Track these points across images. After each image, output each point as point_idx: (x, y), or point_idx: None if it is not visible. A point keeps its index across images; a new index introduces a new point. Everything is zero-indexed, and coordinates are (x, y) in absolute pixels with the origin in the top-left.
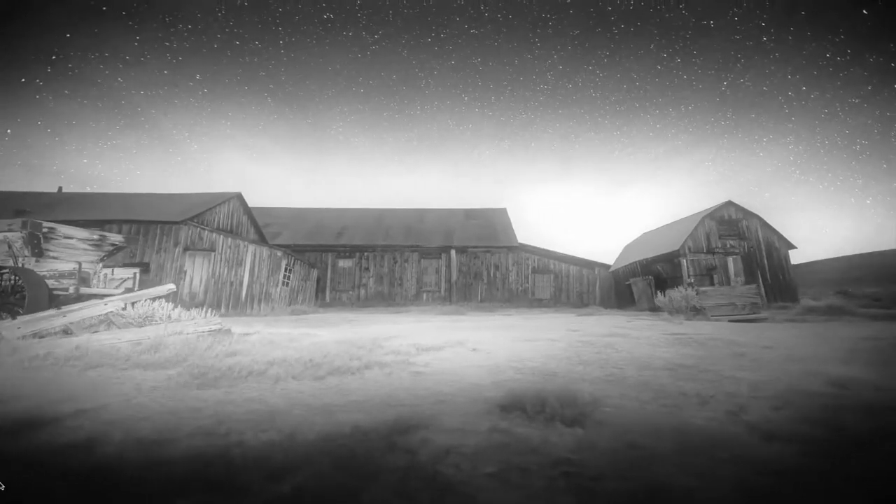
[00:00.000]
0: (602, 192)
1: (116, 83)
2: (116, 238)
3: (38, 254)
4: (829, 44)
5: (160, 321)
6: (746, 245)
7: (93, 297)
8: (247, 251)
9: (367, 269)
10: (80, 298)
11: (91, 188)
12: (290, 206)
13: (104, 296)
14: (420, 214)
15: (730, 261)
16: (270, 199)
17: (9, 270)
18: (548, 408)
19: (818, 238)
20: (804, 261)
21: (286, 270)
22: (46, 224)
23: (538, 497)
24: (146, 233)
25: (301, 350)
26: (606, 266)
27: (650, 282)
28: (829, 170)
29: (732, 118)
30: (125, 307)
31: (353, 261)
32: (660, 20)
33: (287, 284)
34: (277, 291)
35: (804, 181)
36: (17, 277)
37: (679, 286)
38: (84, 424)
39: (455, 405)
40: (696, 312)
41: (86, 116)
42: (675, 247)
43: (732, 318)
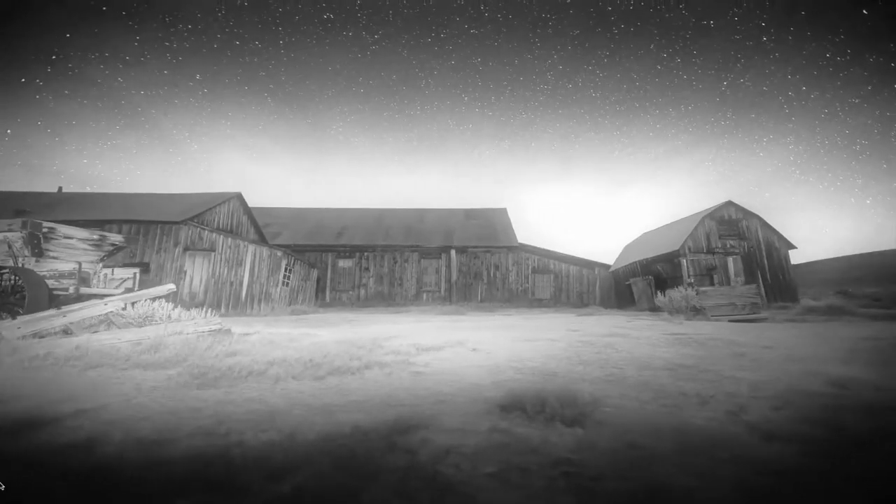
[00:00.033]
0: (602, 192)
1: (116, 83)
2: (116, 238)
3: (38, 254)
4: (829, 44)
5: (160, 321)
6: (746, 245)
7: (93, 297)
8: (247, 251)
9: (367, 269)
10: (80, 298)
11: (91, 188)
12: (290, 206)
13: (104, 296)
14: (420, 214)
15: (730, 261)
16: (270, 199)
17: (9, 270)
18: (548, 408)
19: (819, 238)
20: (804, 261)
21: (286, 270)
22: (46, 224)
23: (538, 497)
24: (146, 233)
25: (301, 350)
26: (606, 266)
27: (650, 282)
28: (829, 170)
29: (732, 118)
30: (125, 307)
31: (353, 261)
32: (660, 20)
33: (287, 284)
34: (277, 291)
35: (804, 181)
36: (17, 277)
37: (679, 286)
38: (84, 424)
39: (455, 405)
40: (696, 312)
41: (86, 116)
42: (675, 247)
43: (732, 318)
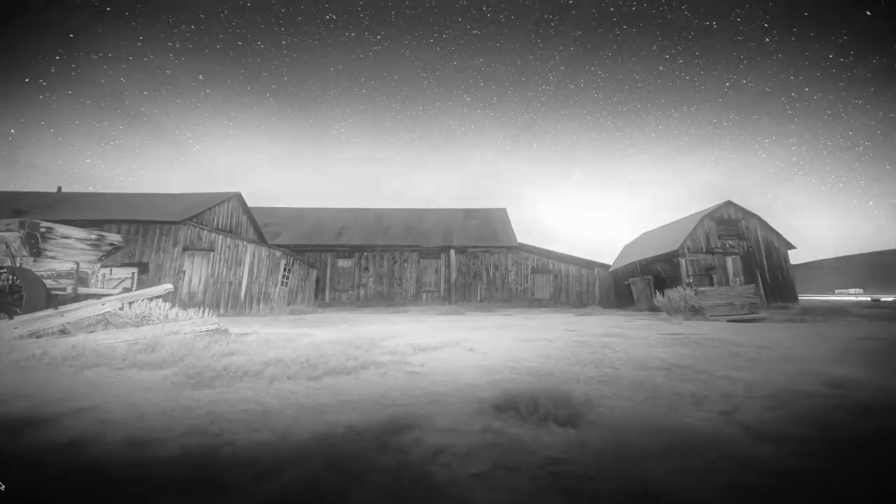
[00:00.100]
0: (603, 193)
1: (119, 83)
2: (114, 238)
3: (36, 253)
4: (832, 45)
5: (157, 321)
6: (746, 245)
7: (90, 297)
8: (246, 251)
9: (367, 269)
10: (78, 298)
11: (94, 188)
12: (290, 206)
13: (102, 296)
14: (419, 214)
15: (729, 261)
16: (271, 199)
17: (6, 270)
18: (541, 408)
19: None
20: (805, 261)
21: (285, 270)
22: (44, 224)
23: (525, 497)
24: (145, 233)
25: (298, 350)
26: (606, 266)
27: (649, 282)
28: (832, 171)
29: (735, 119)
30: (122, 307)
31: (353, 261)
32: (662, 21)
33: (286, 284)
34: (276, 291)
35: (807, 182)
36: (15, 277)
37: (678, 286)
38: (78, 424)
39: (449, 405)
40: (695, 312)
41: (89, 116)
42: (675, 247)
43: (731, 318)
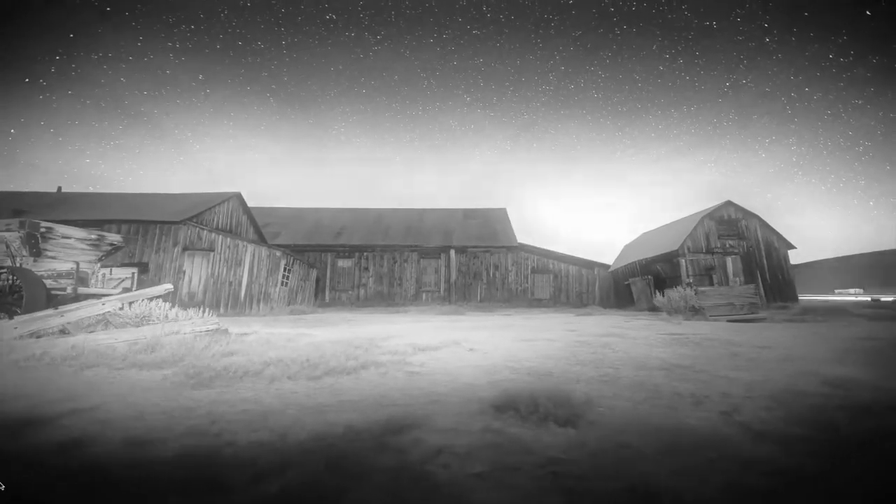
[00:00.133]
0: (603, 193)
1: (119, 83)
2: (114, 238)
3: (36, 253)
4: (832, 45)
5: (157, 321)
6: (746, 245)
7: (90, 297)
8: (246, 251)
9: (367, 269)
10: (78, 298)
11: (94, 188)
12: (290, 206)
13: (102, 296)
14: (419, 214)
15: (729, 261)
16: (272, 200)
17: (6, 270)
18: (541, 408)
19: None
20: (806, 261)
21: (285, 270)
22: (44, 224)
23: (525, 496)
24: (145, 233)
25: (298, 350)
26: (606, 266)
27: (649, 282)
28: (832, 171)
29: (735, 119)
30: (122, 307)
31: (353, 261)
32: (662, 21)
33: (286, 284)
34: (276, 291)
35: (806, 182)
36: (15, 277)
37: (678, 286)
38: (78, 424)
39: (449, 405)
40: (695, 312)
41: (89, 116)
42: (675, 247)
43: (731, 318)
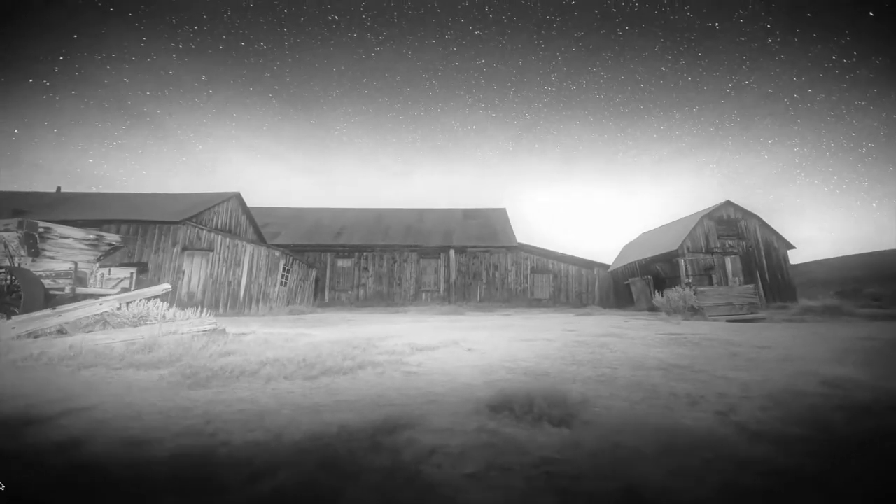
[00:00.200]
0: (604, 194)
1: (122, 84)
2: (113, 238)
3: (35, 253)
4: (836, 46)
5: (155, 321)
6: (745, 245)
7: (89, 297)
8: (245, 251)
9: (366, 269)
10: (77, 298)
11: (96, 188)
12: (289, 206)
13: (100, 296)
14: (419, 214)
15: (728, 261)
16: (273, 200)
17: (5, 270)
18: (536, 408)
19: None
20: (806, 261)
21: (284, 270)
22: (42, 224)
23: (518, 497)
24: (144, 233)
25: (295, 350)
26: (605, 266)
27: (649, 282)
28: (835, 172)
29: (737, 120)
30: (120, 307)
31: (352, 261)
32: (664, 22)
33: (285, 284)
34: (275, 291)
35: (809, 184)
36: (13, 277)
37: (677, 286)
38: (75, 424)
39: (445, 405)
40: (694, 312)
41: (92, 117)
42: (674, 247)
43: (730, 318)
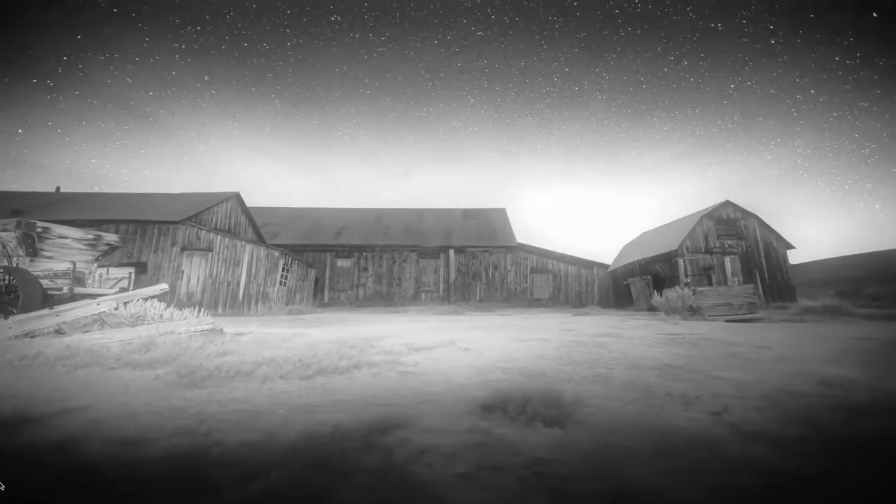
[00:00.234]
0: (605, 194)
1: (125, 84)
2: (111, 238)
3: (33, 253)
4: (839, 47)
5: (152, 321)
6: (744, 245)
7: (86, 297)
8: (244, 251)
9: (366, 269)
10: (75, 298)
11: (99, 188)
12: (289, 206)
13: (97, 295)
14: (419, 214)
15: (727, 260)
16: (275, 200)
17: (3, 270)
18: (529, 408)
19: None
20: (806, 261)
21: (283, 270)
22: (41, 224)
23: (509, 497)
24: (143, 232)
25: (292, 350)
26: (605, 266)
27: (648, 282)
28: (838, 173)
29: (740, 121)
30: (118, 307)
31: (352, 260)
32: (667, 23)
33: (284, 284)
34: (275, 291)
35: (812, 185)
36: (12, 277)
37: (677, 286)
38: (71, 423)
39: (439, 405)
40: (693, 312)
41: (95, 117)
42: (673, 247)
43: (729, 318)
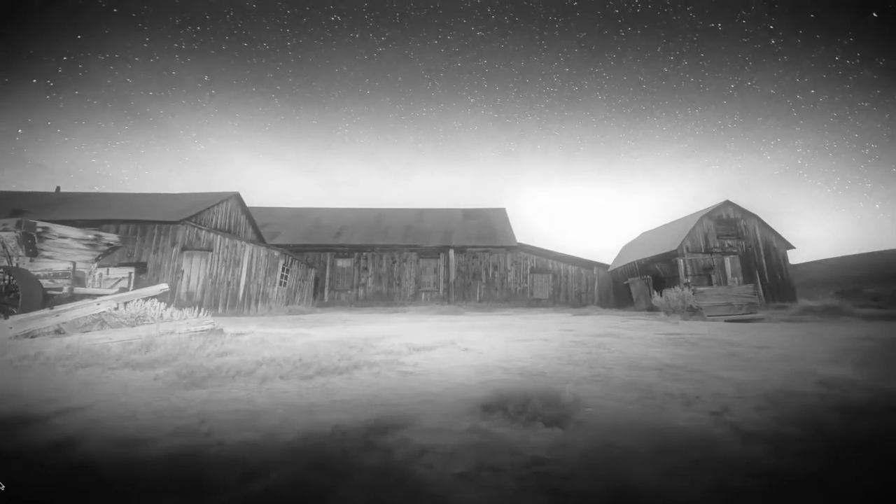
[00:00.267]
0: (605, 194)
1: (125, 84)
2: (111, 237)
3: (33, 253)
4: (839, 47)
5: (152, 321)
6: (744, 245)
7: (86, 297)
8: (244, 251)
9: (366, 269)
10: (74, 298)
11: (99, 188)
12: (289, 206)
13: (97, 295)
14: (419, 214)
15: (727, 260)
16: (275, 200)
17: (3, 270)
18: (529, 408)
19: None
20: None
21: (283, 270)
22: (40, 224)
23: (508, 497)
24: (143, 232)
25: (292, 350)
26: (605, 266)
27: (648, 281)
28: (838, 174)
29: (740, 121)
30: (117, 307)
31: (352, 260)
32: (667, 23)
33: (284, 284)
34: (275, 291)
35: (812, 185)
36: (12, 277)
37: (677, 286)
38: (71, 423)
39: (438, 405)
40: (693, 312)
41: (95, 117)
42: (673, 247)
43: (729, 318)
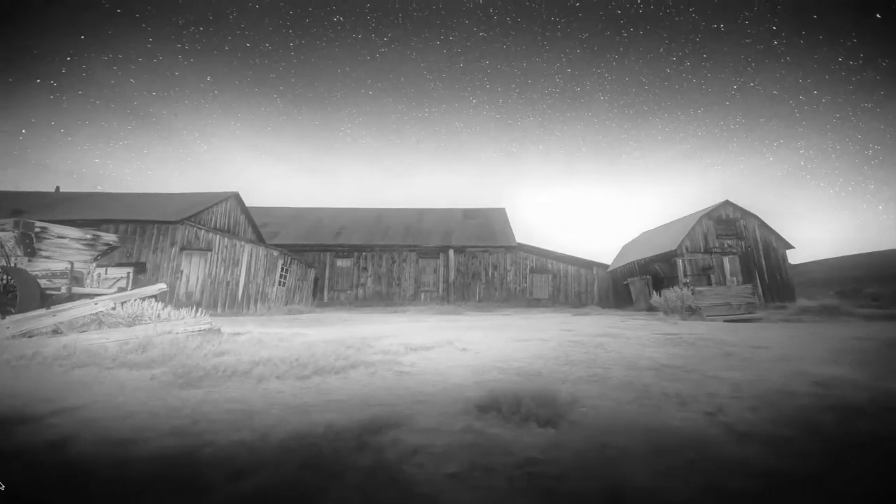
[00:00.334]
0: (606, 195)
1: (129, 84)
2: (110, 237)
3: (31, 253)
4: (842, 48)
5: (150, 321)
6: (744, 245)
7: (84, 297)
8: (243, 251)
9: (366, 269)
10: (73, 298)
11: (101, 188)
12: (289, 206)
13: (95, 295)
14: (419, 214)
15: (726, 260)
16: (276, 200)
17: (1, 270)
18: (524, 408)
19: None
20: (806, 261)
21: (283, 270)
22: (39, 224)
23: (500, 497)
24: (143, 232)
25: (289, 350)
26: (605, 266)
27: (648, 281)
28: (841, 175)
29: (742, 122)
30: (115, 307)
31: (352, 260)
32: (669, 24)
33: (283, 284)
34: (274, 291)
35: (815, 186)
36: (10, 277)
37: (676, 286)
38: (66, 423)
39: (433, 405)
40: (692, 312)
41: (98, 117)
42: (673, 246)
43: (728, 318)
